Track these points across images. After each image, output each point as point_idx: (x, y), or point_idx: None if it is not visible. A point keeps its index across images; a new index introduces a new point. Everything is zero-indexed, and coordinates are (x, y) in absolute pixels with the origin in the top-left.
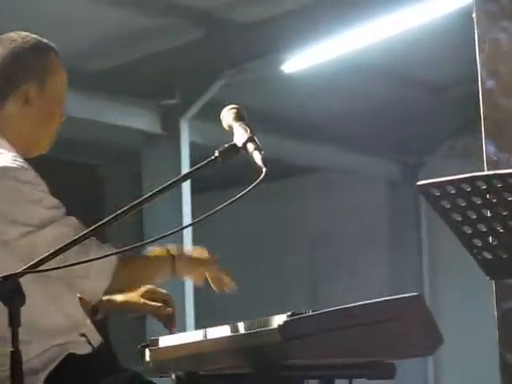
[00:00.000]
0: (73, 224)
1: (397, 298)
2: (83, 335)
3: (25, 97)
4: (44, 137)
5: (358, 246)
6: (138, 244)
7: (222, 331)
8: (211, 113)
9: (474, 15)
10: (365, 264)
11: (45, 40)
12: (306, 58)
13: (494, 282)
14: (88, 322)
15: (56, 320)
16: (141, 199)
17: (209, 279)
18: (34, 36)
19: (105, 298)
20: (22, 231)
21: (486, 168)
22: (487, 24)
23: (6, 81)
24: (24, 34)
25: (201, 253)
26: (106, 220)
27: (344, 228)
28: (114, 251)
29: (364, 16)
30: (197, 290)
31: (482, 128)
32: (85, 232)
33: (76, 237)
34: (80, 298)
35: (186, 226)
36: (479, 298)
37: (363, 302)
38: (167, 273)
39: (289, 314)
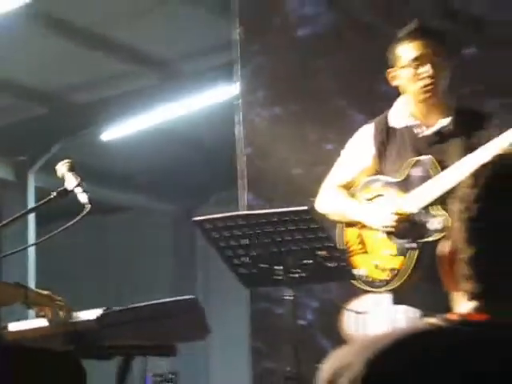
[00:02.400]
0: None
1: (178, 299)
2: None
3: None
4: None
5: (146, 270)
6: None
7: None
8: (53, 166)
9: (238, 102)
10: (150, 278)
11: None
12: (119, 130)
13: (249, 290)
14: None
15: None
16: None
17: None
18: None
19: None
20: None
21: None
22: (247, 109)
23: None
24: None
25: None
26: None
27: (138, 259)
28: None
29: (159, 102)
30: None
31: (245, 182)
32: None
33: None
34: None
35: (24, 248)
36: (239, 302)
37: (154, 302)
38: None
39: (104, 308)
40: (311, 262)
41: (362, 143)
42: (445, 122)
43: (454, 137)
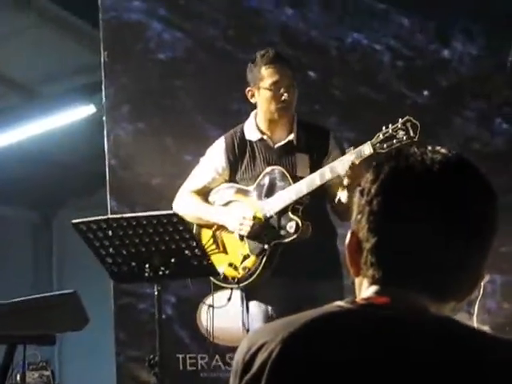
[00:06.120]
0: None
1: (59, 293)
2: None
3: None
4: None
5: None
6: None
7: None
8: None
9: (104, 119)
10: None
11: None
12: None
13: (112, 285)
14: None
15: None
16: None
17: None
18: None
19: None
20: None
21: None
22: (112, 124)
23: None
24: None
25: None
26: None
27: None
28: None
29: (22, 121)
30: None
31: (108, 189)
32: None
33: None
34: None
35: None
36: (101, 299)
37: (37, 295)
38: None
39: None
40: (177, 260)
41: (214, 155)
42: (291, 137)
43: (299, 150)
